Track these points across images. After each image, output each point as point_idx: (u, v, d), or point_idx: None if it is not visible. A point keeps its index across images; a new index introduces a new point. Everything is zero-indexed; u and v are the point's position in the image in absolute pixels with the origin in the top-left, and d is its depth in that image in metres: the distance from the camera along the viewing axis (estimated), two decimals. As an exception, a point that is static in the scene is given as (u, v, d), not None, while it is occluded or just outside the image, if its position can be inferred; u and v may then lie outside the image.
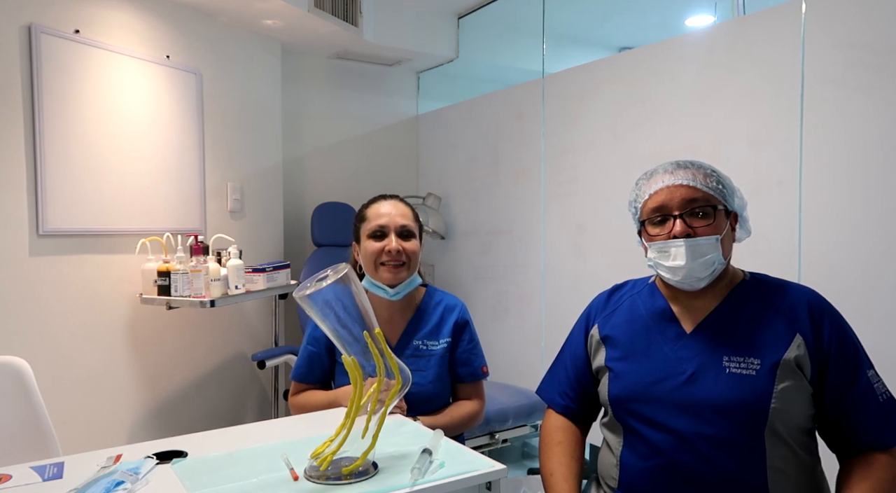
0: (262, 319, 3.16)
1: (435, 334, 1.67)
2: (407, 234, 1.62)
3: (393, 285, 1.62)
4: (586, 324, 1.40)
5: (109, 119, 2.43)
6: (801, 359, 1.15)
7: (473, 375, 1.69)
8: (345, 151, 3.73)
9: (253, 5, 2.76)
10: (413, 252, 1.62)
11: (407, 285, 1.64)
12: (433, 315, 1.69)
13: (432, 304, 1.71)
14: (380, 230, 1.61)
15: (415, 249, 1.63)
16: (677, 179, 1.23)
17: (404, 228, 1.62)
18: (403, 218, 1.63)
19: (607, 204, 2.64)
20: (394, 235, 1.61)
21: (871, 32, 1.82)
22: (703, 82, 2.28)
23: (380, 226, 1.61)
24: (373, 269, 1.62)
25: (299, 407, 1.67)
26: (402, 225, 1.62)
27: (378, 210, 1.64)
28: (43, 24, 2.20)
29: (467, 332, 1.70)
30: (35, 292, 2.23)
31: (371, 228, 1.62)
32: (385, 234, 1.61)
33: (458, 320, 1.69)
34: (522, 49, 3.52)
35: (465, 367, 1.68)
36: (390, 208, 1.64)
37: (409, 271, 1.63)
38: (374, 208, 1.65)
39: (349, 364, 1.10)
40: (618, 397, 1.27)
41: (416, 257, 1.64)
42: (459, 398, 1.71)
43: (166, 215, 2.67)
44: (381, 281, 1.62)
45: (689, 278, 1.21)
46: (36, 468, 1.16)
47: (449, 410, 1.66)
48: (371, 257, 1.61)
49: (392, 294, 1.62)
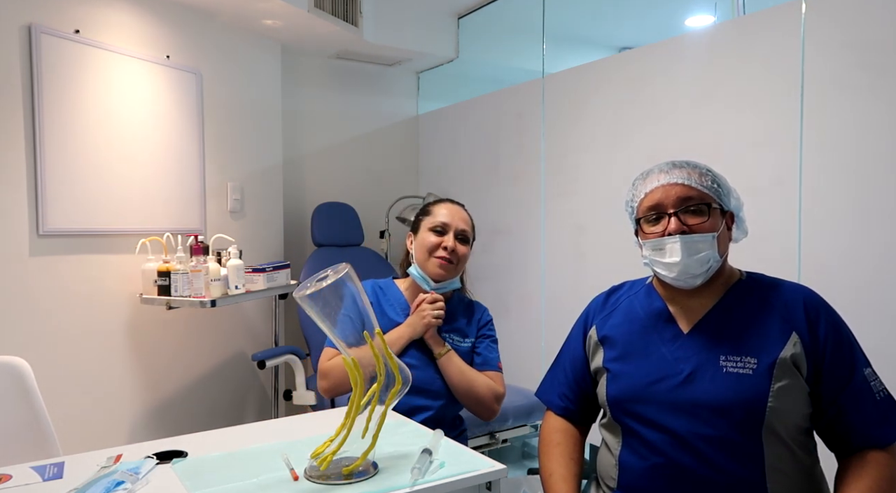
0: (262, 319, 3.16)
1: (462, 331, 1.76)
2: (463, 238, 1.75)
3: (437, 280, 1.72)
4: (584, 325, 1.41)
5: (109, 119, 2.43)
6: (797, 357, 1.16)
7: (488, 363, 1.74)
8: (345, 151, 3.73)
9: (253, 5, 2.76)
10: (464, 255, 1.75)
11: (449, 283, 1.76)
12: (460, 313, 1.79)
13: (462, 305, 1.82)
14: (441, 227, 1.73)
15: (466, 253, 1.76)
16: (672, 177, 1.24)
17: (463, 233, 1.75)
18: (464, 223, 1.76)
19: (607, 204, 2.64)
20: (452, 235, 1.72)
21: (871, 32, 1.82)
22: (703, 82, 2.28)
23: (443, 223, 1.74)
24: (425, 259, 1.73)
25: (327, 373, 1.66)
26: (461, 229, 1.75)
27: (443, 210, 1.77)
28: (43, 24, 2.20)
29: (487, 329, 1.80)
30: (35, 292, 2.23)
31: (434, 222, 1.75)
32: (445, 232, 1.73)
33: (481, 319, 1.81)
34: (522, 49, 3.51)
35: (480, 356, 1.76)
36: (455, 212, 1.77)
37: (456, 272, 1.75)
38: (441, 207, 1.78)
39: (349, 364, 1.10)
40: (616, 398, 1.27)
41: (464, 262, 1.77)
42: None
43: (166, 215, 2.67)
44: (428, 273, 1.73)
45: (685, 275, 1.21)
46: (36, 468, 1.16)
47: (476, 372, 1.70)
48: (426, 248, 1.72)
49: (434, 288, 1.73)
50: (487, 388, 1.68)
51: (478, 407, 1.68)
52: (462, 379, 1.66)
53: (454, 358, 1.68)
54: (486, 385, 1.68)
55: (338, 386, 1.65)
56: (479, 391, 1.67)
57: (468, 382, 1.66)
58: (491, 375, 1.72)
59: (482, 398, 1.67)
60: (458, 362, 1.68)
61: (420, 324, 1.67)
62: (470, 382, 1.66)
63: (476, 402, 1.67)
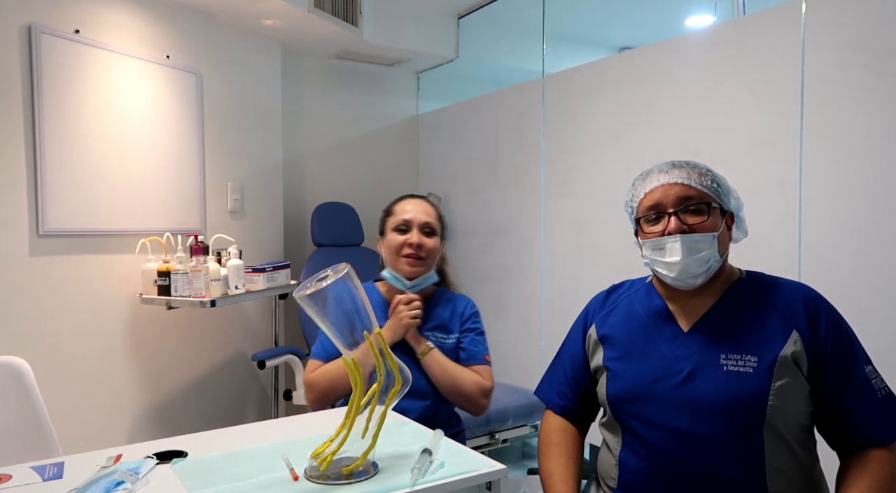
0: (262, 319, 3.16)
1: (446, 328, 1.73)
2: (429, 231, 1.72)
3: (411, 278, 1.71)
4: (584, 324, 1.41)
5: (109, 119, 2.43)
6: (797, 355, 1.16)
7: (473, 358, 1.71)
8: (345, 151, 3.73)
9: (253, 5, 2.77)
10: (432, 248, 1.72)
11: (424, 279, 1.73)
12: (445, 309, 1.76)
13: (444, 299, 1.78)
14: (404, 225, 1.71)
15: (434, 246, 1.72)
16: (672, 177, 1.24)
17: (427, 225, 1.72)
18: (427, 216, 1.73)
19: (607, 204, 2.64)
20: (416, 230, 1.71)
21: (870, 33, 1.82)
22: (703, 82, 2.28)
23: (404, 220, 1.71)
24: (394, 260, 1.72)
25: (311, 384, 1.65)
26: (425, 222, 1.72)
27: (405, 206, 1.75)
28: (43, 24, 2.20)
29: (471, 321, 1.76)
30: (35, 292, 2.23)
31: (396, 222, 1.73)
32: (409, 228, 1.71)
33: (463, 312, 1.77)
34: (522, 49, 3.52)
35: (465, 351, 1.72)
36: (416, 206, 1.75)
37: (427, 266, 1.73)
38: (402, 205, 1.76)
39: (349, 364, 1.10)
40: (616, 397, 1.27)
41: (435, 254, 1.74)
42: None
43: (166, 215, 2.67)
44: (399, 273, 1.71)
45: (685, 275, 1.21)
46: (36, 468, 1.16)
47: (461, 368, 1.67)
48: (393, 249, 1.71)
49: (409, 286, 1.71)
50: (473, 383, 1.64)
51: (466, 403, 1.66)
52: (446, 377, 1.63)
53: (437, 356, 1.65)
54: (472, 381, 1.65)
55: (324, 396, 1.63)
56: (464, 387, 1.64)
57: (452, 379, 1.63)
58: (478, 369, 1.68)
59: (469, 394, 1.64)
60: (442, 359, 1.65)
61: (399, 326, 1.63)
62: (454, 379, 1.63)
63: (463, 398, 1.65)
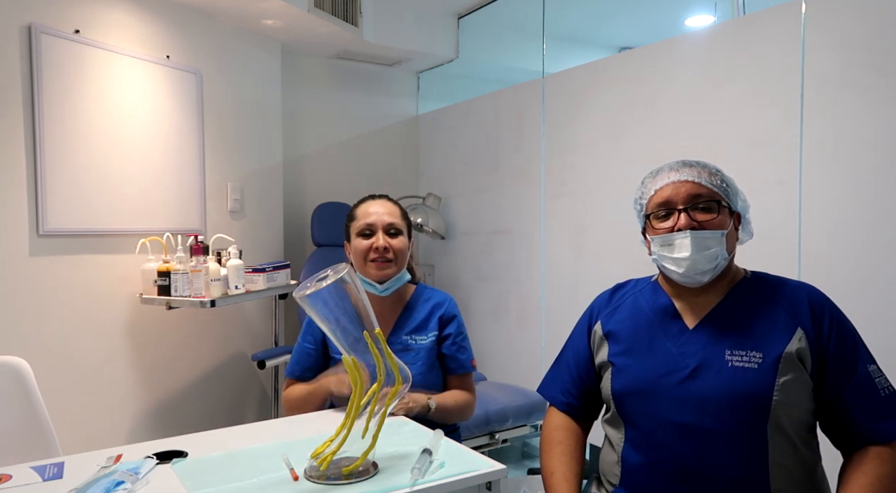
0: (262, 319, 3.16)
1: (422, 328, 1.70)
2: (394, 232, 1.68)
3: (381, 282, 1.66)
4: (589, 321, 1.41)
5: (109, 119, 2.43)
6: (802, 352, 1.16)
7: (462, 367, 1.71)
8: (345, 151, 3.73)
9: (253, 5, 2.76)
10: (400, 249, 1.67)
11: (395, 281, 1.69)
12: (421, 311, 1.72)
13: (421, 300, 1.75)
14: (368, 229, 1.67)
15: (402, 246, 1.68)
16: (682, 175, 1.25)
17: (391, 226, 1.67)
18: (391, 216, 1.69)
19: (607, 204, 2.64)
20: (381, 233, 1.66)
21: (870, 33, 1.82)
22: (703, 82, 2.28)
23: (368, 224, 1.67)
24: (362, 266, 1.67)
25: (287, 401, 1.68)
26: (389, 223, 1.67)
27: (366, 209, 1.70)
28: (43, 24, 2.20)
29: (453, 325, 1.72)
30: (35, 292, 2.23)
31: (359, 226, 1.68)
32: (373, 232, 1.67)
33: (443, 315, 1.72)
34: (522, 49, 3.51)
35: (453, 360, 1.71)
36: (378, 207, 1.70)
37: (397, 267, 1.68)
38: (363, 208, 1.71)
39: (349, 364, 1.10)
40: (620, 392, 1.27)
41: (404, 254, 1.69)
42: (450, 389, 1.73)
43: (166, 215, 2.67)
44: (369, 278, 1.67)
45: (693, 271, 1.22)
46: (36, 468, 1.16)
47: (449, 393, 1.68)
48: (360, 255, 1.67)
49: (381, 290, 1.67)
50: (467, 406, 1.69)
51: (461, 420, 1.71)
52: (453, 413, 1.65)
53: (440, 402, 1.60)
54: (467, 404, 1.68)
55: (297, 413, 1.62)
56: (465, 412, 1.69)
57: (457, 411, 1.66)
58: (465, 379, 1.71)
59: (463, 417, 1.69)
60: (444, 403, 1.61)
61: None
62: (458, 410, 1.66)
63: (462, 418, 1.70)
